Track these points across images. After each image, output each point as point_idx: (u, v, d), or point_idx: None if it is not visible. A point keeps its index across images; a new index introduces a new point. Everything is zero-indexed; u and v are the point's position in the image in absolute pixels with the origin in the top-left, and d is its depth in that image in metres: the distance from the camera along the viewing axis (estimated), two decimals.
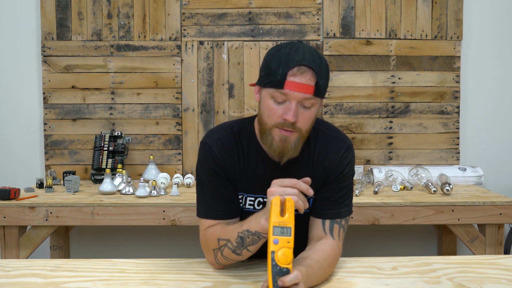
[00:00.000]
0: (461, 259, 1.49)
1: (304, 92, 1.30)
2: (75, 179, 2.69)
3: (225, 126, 1.50)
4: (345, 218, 1.45)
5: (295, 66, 1.30)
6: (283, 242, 1.16)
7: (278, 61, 1.32)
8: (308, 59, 1.31)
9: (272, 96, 1.33)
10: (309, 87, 1.30)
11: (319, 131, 1.48)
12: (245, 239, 1.31)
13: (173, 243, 3.17)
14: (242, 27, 3.10)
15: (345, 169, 1.45)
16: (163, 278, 1.35)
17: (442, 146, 3.13)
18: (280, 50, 1.34)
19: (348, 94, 3.11)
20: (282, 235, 1.16)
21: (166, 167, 3.11)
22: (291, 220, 1.17)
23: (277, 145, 1.35)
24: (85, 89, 3.11)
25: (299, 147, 1.37)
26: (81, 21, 3.09)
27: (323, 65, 1.34)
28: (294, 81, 1.30)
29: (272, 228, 1.16)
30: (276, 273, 1.15)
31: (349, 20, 3.10)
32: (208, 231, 1.42)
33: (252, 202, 1.48)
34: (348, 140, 1.49)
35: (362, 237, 3.17)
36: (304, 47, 1.34)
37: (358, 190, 2.60)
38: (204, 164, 1.45)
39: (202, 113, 3.11)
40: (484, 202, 2.46)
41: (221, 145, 1.45)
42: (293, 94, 1.30)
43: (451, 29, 3.10)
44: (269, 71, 1.33)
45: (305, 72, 1.30)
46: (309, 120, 1.35)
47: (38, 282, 1.31)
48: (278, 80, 1.30)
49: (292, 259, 1.16)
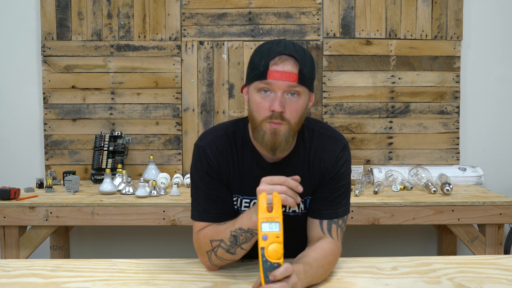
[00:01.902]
0: (461, 259, 1.49)
1: (287, 80, 1.31)
2: (75, 179, 2.69)
3: (219, 128, 1.50)
4: (342, 218, 1.45)
5: (276, 56, 1.31)
6: (272, 237, 1.16)
7: (260, 55, 1.34)
8: (290, 49, 1.32)
9: (258, 89, 1.34)
10: (292, 74, 1.31)
11: (315, 131, 1.48)
12: (238, 237, 1.31)
13: (173, 243, 3.17)
14: (242, 27, 3.10)
15: (341, 169, 1.45)
16: (163, 278, 1.35)
17: (442, 146, 3.13)
18: (262, 46, 1.37)
19: (348, 94, 3.11)
20: (271, 230, 1.16)
21: (166, 167, 3.11)
22: (279, 215, 1.17)
23: (268, 139, 1.35)
24: (85, 89, 3.11)
25: (290, 140, 1.37)
26: (81, 21, 3.09)
27: (307, 56, 1.35)
28: (276, 69, 1.31)
29: (261, 224, 1.16)
30: (267, 269, 1.15)
31: (349, 20, 3.10)
32: (200, 234, 1.42)
33: (247, 204, 1.47)
34: (343, 139, 1.49)
35: (362, 237, 3.17)
36: (287, 41, 1.36)
37: (358, 190, 2.60)
38: (198, 166, 1.45)
39: (202, 113, 3.11)
40: (484, 202, 2.46)
41: (215, 147, 1.45)
42: (277, 83, 1.31)
43: (451, 29, 3.10)
44: (252, 66, 1.36)
45: (287, 61, 1.32)
46: (296, 111, 1.35)
47: (38, 282, 1.31)
48: (261, 72, 1.32)
49: (282, 253, 1.16)
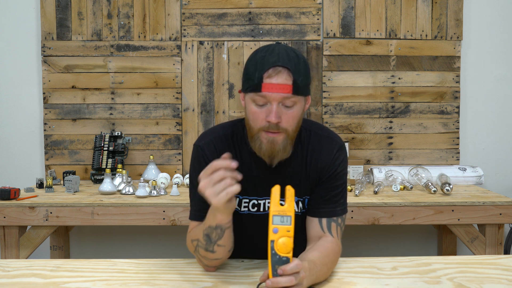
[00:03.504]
0: (461, 259, 1.49)
1: (282, 92, 1.31)
2: (75, 179, 2.69)
3: (218, 129, 1.51)
4: (341, 217, 1.47)
5: (269, 67, 1.31)
6: (282, 231, 1.15)
7: (254, 65, 1.33)
8: (283, 59, 1.31)
9: (253, 100, 1.34)
10: (286, 86, 1.31)
11: (312, 132, 1.49)
12: (210, 235, 1.32)
13: (173, 243, 3.17)
14: (242, 27, 3.10)
15: (337, 168, 1.47)
16: (163, 278, 1.35)
17: (442, 146, 3.13)
18: (256, 54, 1.36)
19: (348, 94, 3.11)
20: (282, 224, 1.16)
21: (166, 167, 3.11)
22: (291, 209, 1.17)
23: (266, 148, 1.36)
24: (85, 89, 3.11)
25: (288, 148, 1.38)
26: (81, 21, 3.09)
27: (300, 63, 1.34)
28: (270, 82, 1.31)
29: (272, 217, 1.16)
30: (276, 262, 1.15)
31: (349, 20, 3.10)
32: (188, 235, 1.43)
33: (246, 204, 1.48)
34: (339, 140, 1.51)
35: (362, 237, 3.17)
36: (280, 48, 1.35)
37: (358, 190, 2.60)
38: (196, 166, 1.45)
39: (202, 113, 3.11)
40: (484, 202, 2.46)
41: (213, 147, 1.45)
42: (271, 95, 1.31)
43: (451, 29, 3.10)
44: (247, 76, 1.35)
45: (281, 72, 1.31)
46: (293, 119, 1.35)
47: (38, 282, 1.31)
48: (255, 84, 1.32)
49: (292, 248, 1.16)
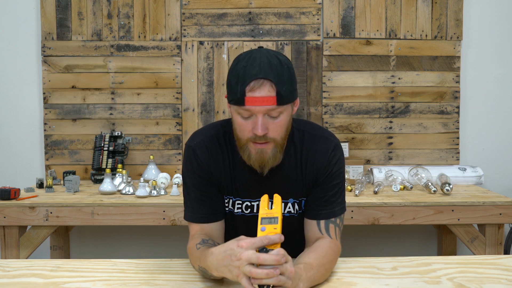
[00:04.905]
0: (461, 259, 1.49)
1: (266, 105, 1.28)
2: (75, 179, 2.69)
3: (209, 128, 1.49)
4: (339, 217, 1.45)
5: (251, 80, 1.28)
6: (269, 228, 1.17)
7: (236, 77, 1.31)
8: (265, 70, 1.28)
9: (238, 113, 1.33)
10: (269, 98, 1.28)
11: (305, 132, 1.46)
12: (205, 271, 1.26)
13: (173, 243, 3.17)
14: (242, 27, 3.10)
15: (334, 168, 1.44)
16: (163, 278, 1.34)
17: (442, 146, 3.13)
18: (238, 64, 1.33)
19: (348, 94, 3.11)
20: (270, 224, 1.18)
21: (166, 167, 3.11)
22: (279, 211, 1.20)
23: (255, 158, 1.35)
24: (85, 89, 3.11)
25: (278, 155, 1.37)
26: (81, 21, 3.09)
27: (284, 70, 1.31)
28: (253, 96, 1.28)
29: (260, 219, 1.19)
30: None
31: (349, 20, 3.10)
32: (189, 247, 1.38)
33: (240, 205, 1.47)
34: (334, 138, 1.48)
35: (362, 237, 3.17)
36: (262, 56, 1.31)
37: (358, 190, 2.60)
38: (188, 167, 1.45)
39: (202, 113, 3.11)
40: (484, 202, 2.46)
41: (205, 148, 1.44)
42: (255, 108, 1.29)
43: (451, 29, 3.10)
44: (230, 88, 1.33)
45: (263, 85, 1.28)
46: (281, 128, 1.34)
47: (38, 282, 1.31)
48: (238, 98, 1.30)
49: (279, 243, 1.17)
